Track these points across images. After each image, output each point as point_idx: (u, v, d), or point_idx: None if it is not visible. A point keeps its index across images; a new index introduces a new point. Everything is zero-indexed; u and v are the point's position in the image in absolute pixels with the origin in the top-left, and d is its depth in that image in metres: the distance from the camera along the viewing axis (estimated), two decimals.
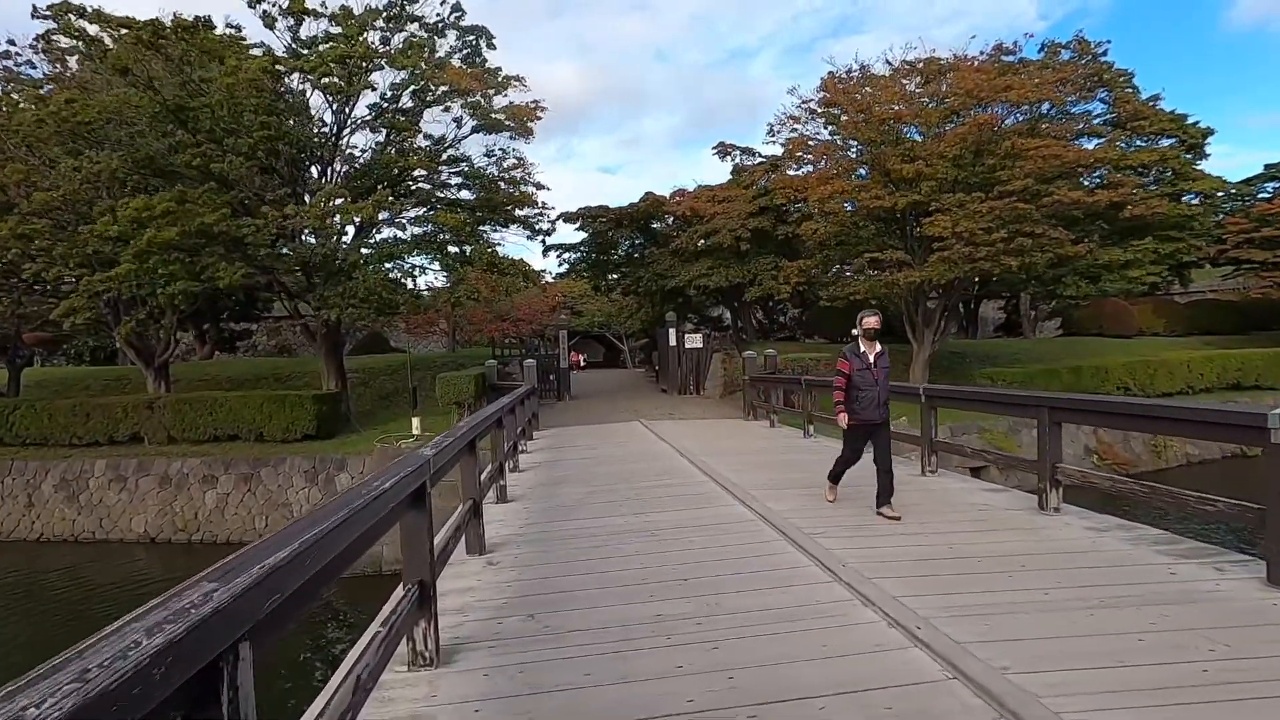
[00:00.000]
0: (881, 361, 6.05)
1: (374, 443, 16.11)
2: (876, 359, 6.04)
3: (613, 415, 17.51)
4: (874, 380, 5.99)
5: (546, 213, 18.72)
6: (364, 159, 16.51)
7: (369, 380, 22.51)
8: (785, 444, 10.96)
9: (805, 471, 8.28)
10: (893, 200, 16.77)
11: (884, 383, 6.04)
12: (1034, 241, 14.35)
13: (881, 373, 6.02)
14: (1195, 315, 33.16)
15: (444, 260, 15.59)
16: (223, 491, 15.84)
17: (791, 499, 6.62)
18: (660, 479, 8.11)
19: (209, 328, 31.30)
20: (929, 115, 16.46)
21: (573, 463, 9.88)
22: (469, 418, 5.20)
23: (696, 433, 12.91)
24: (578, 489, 7.74)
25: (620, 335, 44.62)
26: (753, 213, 21.47)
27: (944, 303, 19.70)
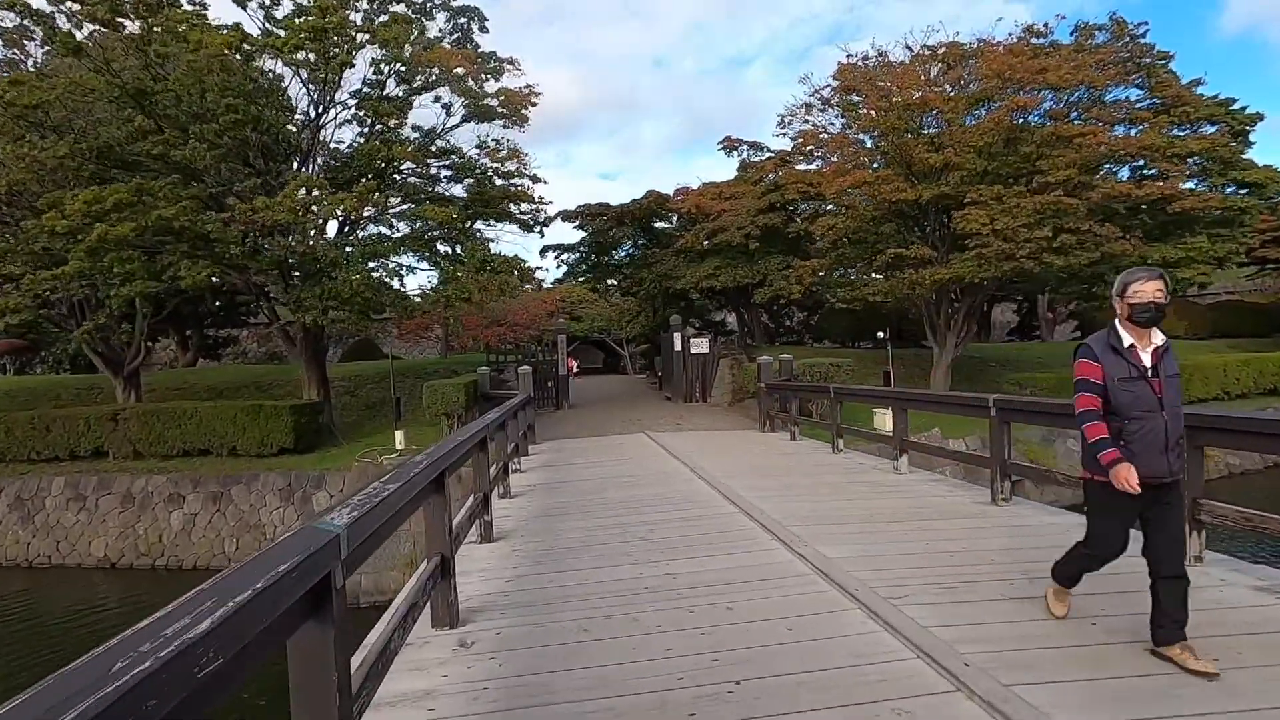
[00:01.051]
0: (1167, 365, 3.24)
1: (355, 458, 14.82)
2: (1157, 360, 3.21)
3: (615, 426, 16.21)
4: (1154, 398, 3.15)
5: (543, 207, 17.47)
6: (347, 151, 15.24)
7: (355, 389, 21.21)
8: (814, 461, 9.67)
9: (850, 498, 6.98)
10: (916, 193, 15.53)
11: (1174, 403, 3.20)
12: (1077, 239, 13.12)
13: (1169, 386, 3.21)
14: (1218, 317, 32.05)
15: (433, 259, 14.29)
16: (190, 512, 14.51)
17: (849, 540, 5.32)
18: (677, 509, 6.80)
19: (192, 334, 30.04)
20: (956, 102, 15.24)
21: (572, 486, 8.58)
22: (440, 443, 3.86)
23: (710, 446, 11.61)
24: (578, 523, 6.43)
25: (620, 341, 43.35)
26: (762, 209, 20.22)
27: (969, 303, 18.46)
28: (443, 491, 3.92)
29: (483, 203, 16.62)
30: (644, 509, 6.87)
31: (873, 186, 15.49)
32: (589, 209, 21.59)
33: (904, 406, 8.36)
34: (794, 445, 11.61)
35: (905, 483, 7.78)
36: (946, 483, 7.93)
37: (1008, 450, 6.51)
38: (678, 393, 21.48)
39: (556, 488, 8.49)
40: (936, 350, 19.47)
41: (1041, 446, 16.45)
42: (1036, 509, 6.36)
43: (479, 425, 5.48)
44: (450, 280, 14.10)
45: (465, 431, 5.11)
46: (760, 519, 6.11)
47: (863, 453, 10.60)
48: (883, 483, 7.85)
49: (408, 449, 14.04)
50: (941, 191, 14.94)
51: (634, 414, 18.57)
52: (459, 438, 4.57)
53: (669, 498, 7.37)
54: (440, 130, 16.69)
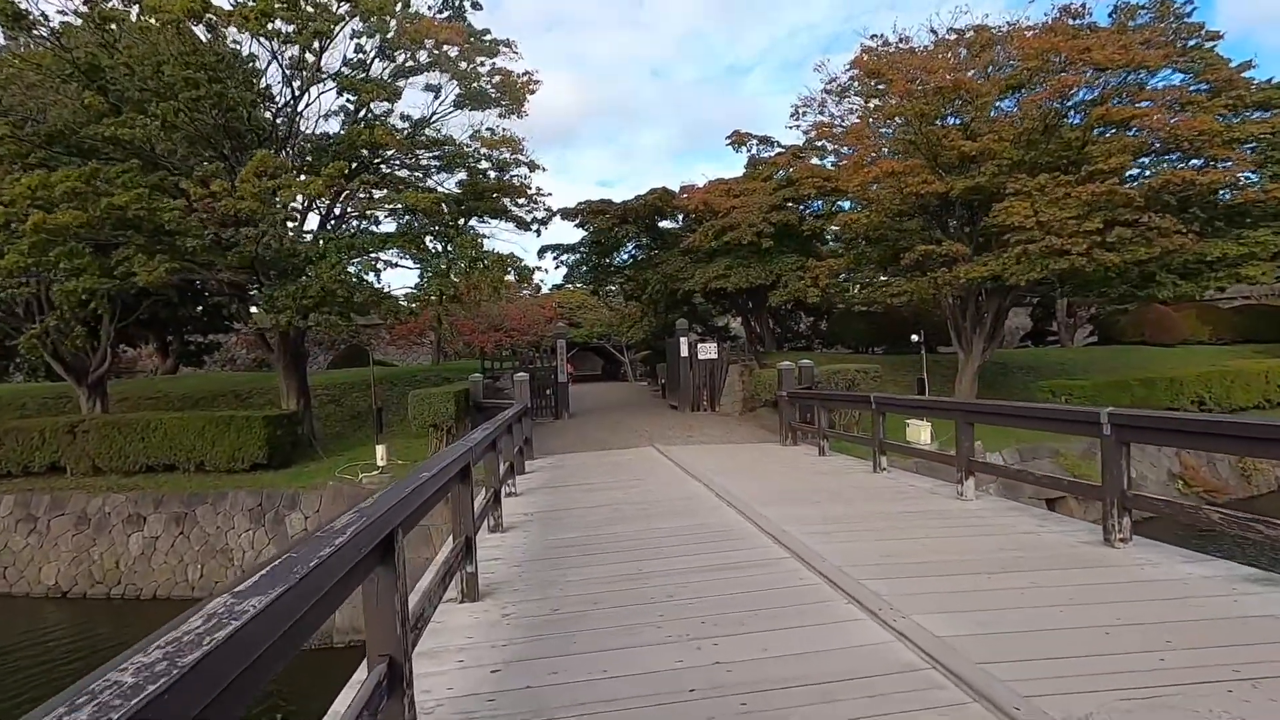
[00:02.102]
0: None
1: (334, 475, 13.45)
2: None
3: (620, 438, 14.87)
4: None
5: (542, 198, 16.13)
6: (329, 138, 13.93)
7: (340, 397, 19.83)
8: (855, 483, 8.33)
9: (921, 536, 5.63)
10: (946, 185, 14.26)
11: None
12: (1134, 232, 11.85)
13: None
14: (1241, 322, 30.88)
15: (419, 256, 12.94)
16: (150, 534, 13.11)
17: (951, 603, 3.97)
18: (709, 550, 5.46)
19: (172, 340, 28.67)
20: (993, 85, 13.99)
21: (576, 516, 7.22)
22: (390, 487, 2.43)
23: (730, 463, 10.28)
24: (586, 571, 5.09)
25: (621, 347, 42.08)
26: (775, 205, 18.94)
27: (997, 305, 17.18)
28: (392, 560, 2.58)
29: (475, 196, 15.31)
30: (667, 550, 5.52)
31: (900, 178, 14.22)
32: (590, 206, 20.31)
33: (970, 420, 7.03)
34: (826, 462, 10.28)
35: (978, 514, 6.44)
36: (1027, 512, 6.60)
37: (1127, 478, 5.18)
38: (684, 401, 20.17)
39: (557, 518, 7.14)
40: (962, 356, 18.20)
41: (1084, 460, 15.15)
42: (1165, 552, 5.02)
43: (456, 452, 4.14)
44: (436, 277, 12.75)
45: (438, 461, 3.78)
46: (820, 567, 4.77)
47: (905, 471, 9.29)
48: (950, 513, 6.51)
49: (391, 464, 12.69)
50: (975, 183, 13.67)
51: (639, 424, 17.24)
52: (424, 474, 3.24)
53: (697, 533, 6.02)
54: (430, 118, 15.41)
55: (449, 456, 3.93)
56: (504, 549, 5.91)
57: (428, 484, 3.15)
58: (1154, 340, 29.49)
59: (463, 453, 4.21)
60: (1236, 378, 19.30)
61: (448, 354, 33.58)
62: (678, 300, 25.55)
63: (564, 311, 40.82)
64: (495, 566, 5.30)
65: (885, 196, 14.63)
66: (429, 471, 3.29)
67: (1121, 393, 17.34)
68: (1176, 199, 13.22)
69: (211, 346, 31.11)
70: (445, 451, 4.16)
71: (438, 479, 3.47)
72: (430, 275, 12.78)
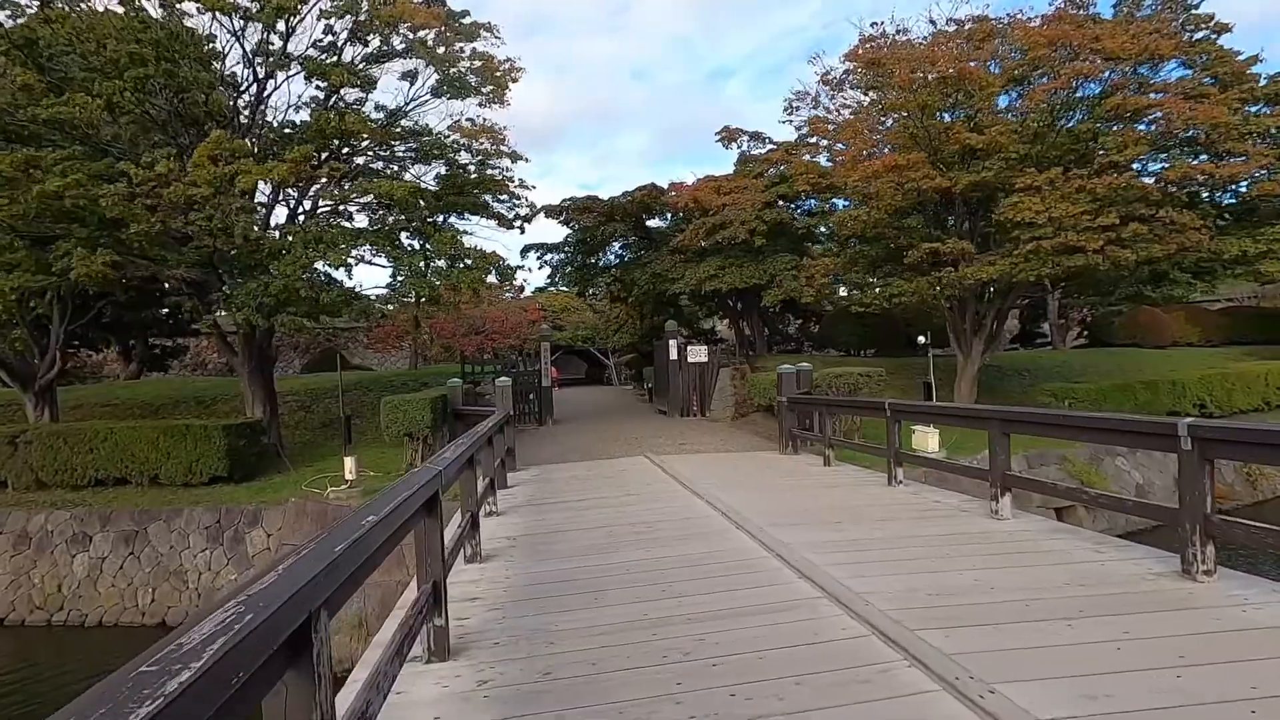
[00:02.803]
0: None
1: (302, 488, 12.46)
2: None
3: (609, 446, 14.03)
4: None
5: (525, 192, 15.23)
6: (297, 126, 12.96)
7: (311, 404, 18.78)
8: (872, 498, 7.56)
9: (969, 566, 4.86)
10: (949, 181, 13.62)
11: None
12: (1149, 228, 11.27)
13: None
14: (1228, 324, 30.81)
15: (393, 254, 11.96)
16: (97, 555, 12.02)
17: (1042, 665, 3.17)
18: (727, 589, 4.62)
19: (136, 343, 27.36)
20: (994, 79, 13.40)
21: (567, 540, 6.37)
22: (300, 553, 1.50)
23: (731, 476, 9.49)
24: (583, 616, 4.24)
25: (605, 350, 41.29)
26: (769, 202, 18.23)
27: (998, 307, 16.60)
28: (306, 659, 1.74)
29: (454, 190, 14.40)
30: (677, 587, 4.70)
31: (902, 173, 13.55)
32: (575, 203, 19.46)
33: (1007, 430, 6.29)
34: (833, 474, 9.52)
35: (1023, 537, 5.69)
36: (1075, 535, 5.86)
37: (1209, 501, 4.45)
38: (674, 406, 19.40)
39: (545, 543, 6.28)
40: (960, 359, 17.60)
41: (1089, 465, 14.59)
42: (1256, 586, 4.29)
43: (417, 483, 3.29)
44: (412, 276, 11.81)
45: (391, 497, 2.92)
46: (864, 612, 3.97)
47: (920, 483, 8.55)
48: (991, 536, 5.76)
49: (361, 478, 11.73)
50: (979, 179, 13.04)
51: (627, 431, 16.42)
52: (368, 520, 2.39)
53: (708, 565, 5.20)
54: (405, 106, 14.48)
55: (405, 490, 3.08)
56: (483, 584, 5.05)
57: (370, 535, 2.30)
58: (1145, 342, 29.28)
59: (426, 481, 3.36)
60: (1237, 380, 18.93)
61: (427, 359, 32.53)
62: (664, 302, 24.77)
63: (547, 315, 39.96)
64: (471, 611, 4.44)
65: (886, 192, 13.96)
66: (375, 515, 2.44)
67: (1125, 396, 16.86)
68: (1186, 195, 12.71)
69: (178, 350, 29.78)
70: (401, 483, 3.31)
71: (389, 522, 2.62)
72: (406, 274, 11.83)
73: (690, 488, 8.52)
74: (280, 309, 11.63)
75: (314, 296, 11.34)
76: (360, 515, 2.45)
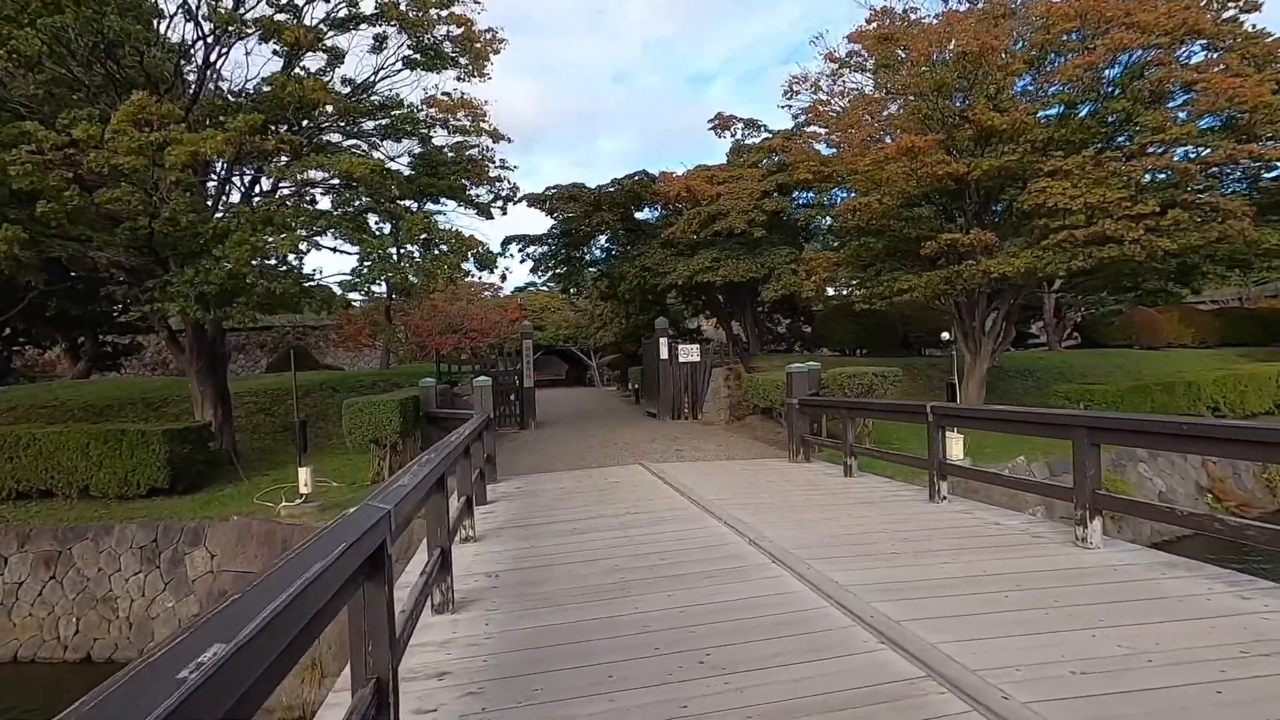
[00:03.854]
0: None
1: (252, 501, 11.05)
2: None
3: (599, 452, 12.79)
4: None
5: (506, 174, 13.88)
6: (244, 94, 11.54)
7: (273, 406, 17.26)
8: (918, 519, 6.41)
9: (1101, 618, 3.70)
10: (966, 166, 12.62)
11: None
12: (1190, 215, 10.32)
13: None
14: (1222, 325, 30.49)
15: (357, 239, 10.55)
16: (12, 579, 10.49)
17: None
18: (795, 665, 3.41)
19: (85, 340, 25.51)
20: (1014, 61, 12.41)
21: (561, 580, 5.10)
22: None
23: (743, 489, 8.30)
24: (593, 714, 3.01)
25: (588, 350, 40.03)
26: (767, 191, 17.10)
27: (1012, 303, 15.69)
28: None
29: (429, 170, 13.05)
30: (717, 655, 3.47)
31: (917, 158, 12.51)
32: (561, 191, 18.16)
33: (1097, 440, 5.17)
34: (860, 486, 8.38)
35: (1128, 572, 4.58)
36: (1181, 566, 4.75)
37: None
38: (663, 409, 18.22)
39: (534, 584, 5.02)
40: (968, 359, 16.66)
41: (1113, 472, 13.68)
42: None
43: (349, 536, 2.04)
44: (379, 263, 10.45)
45: (303, 564, 1.68)
46: (994, 705, 2.79)
47: (959, 497, 7.44)
48: (1092, 571, 4.63)
49: (320, 490, 10.36)
50: (1000, 163, 12.03)
51: (617, 435, 15.19)
52: (263, 612, 1.13)
53: (752, 618, 3.96)
54: (375, 80, 13.10)
55: (322, 555, 1.83)
56: (455, 651, 3.78)
57: (236, 664, 1.04)
58: (1140, 343, 28.81)
59: (358, 538, 2.10)
60: (1250, 382, 18.25)
61: (401, 358, 30.99)
62: (650, 300, 23.59)
63: (527, 314, 38.61)
64: (438, 699, 3.19)
65: (898, 178, 12.91)
66: (271, 602, 1.21)
67: (1143, 398, 16.04)
68: (1212, 177, 11.84)
69: (133, 348, 27.90)
70: (326, 536, 2.05)
71: (299, 611, 1.39)
72: (373, 261, 10.46)
73: (701, 504, 7.31)
74: (228, 300, 10.22)
75: (267, 286, 9.94)
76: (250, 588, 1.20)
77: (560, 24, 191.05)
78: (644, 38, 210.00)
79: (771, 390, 14.68)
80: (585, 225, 18.51)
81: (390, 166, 13.07)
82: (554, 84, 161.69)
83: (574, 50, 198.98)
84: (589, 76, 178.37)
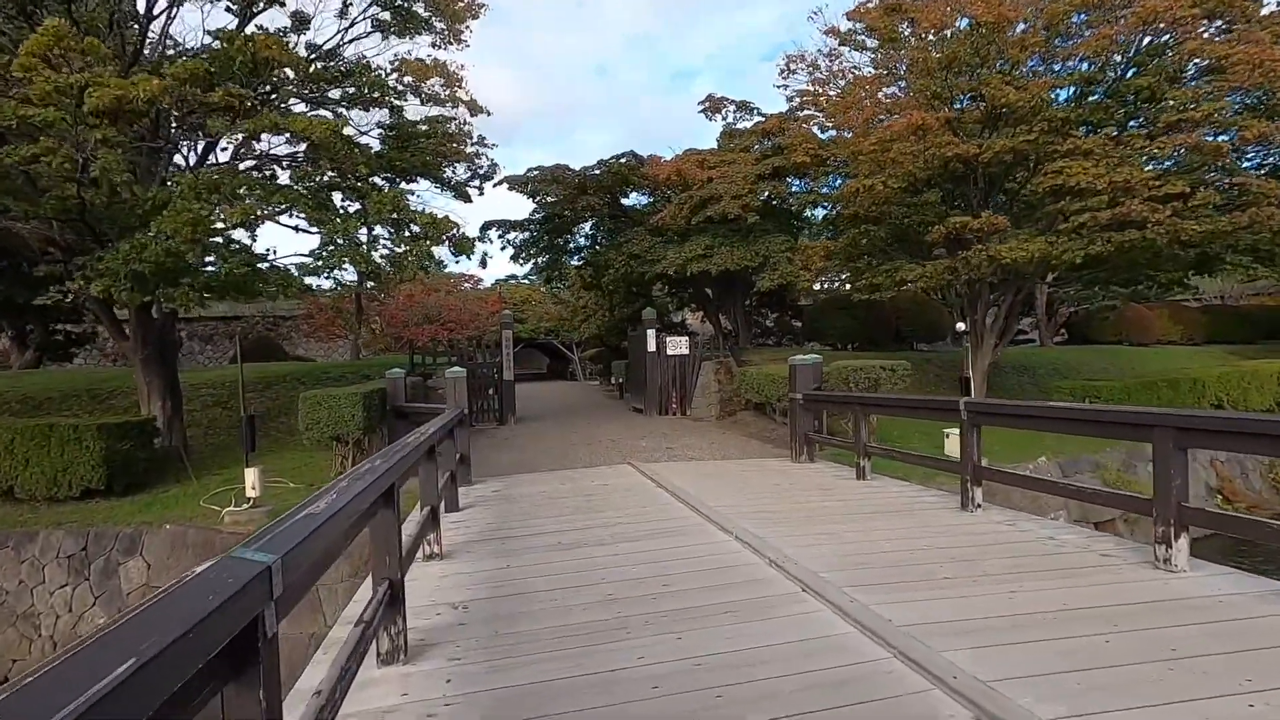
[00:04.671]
0: None
1: (199, 504, 9.94)
2: None
3: (584, 451, 11.84)
4: None
5: (484, 151, 12.78)
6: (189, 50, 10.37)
7: (230, 399, 16.05)
8: (959, 530, 5.55)
9: (1246, 675, 2.85)
10: (978, 147, 11.83)
11: None
12: (1222, 197, 9.60)
13: None
14: (1209, 322, 30.35)
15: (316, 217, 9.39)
16: None
17: None
18: None
19: (34, 328, 23.99)
20: (1034, 30, 11.61)
21: (546, 625, 4.13)
22: None
23: (751, 496, 7.40)
24: None
25: (570, 344, 39.00)
26: (763, 175, 16.20)
27: (1017, 294, 14.99)
28: None
29: (400, 144, 11.94)
30: None
31: (927, 137, 11.69)
32: (544, 173, 17.10)
33: (1183, 443, 4.32)
34: (878, 492, 7.51)
35: (1236, 603, 3.74)
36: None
37: None
38: (650, 404, 17.33)
39: (512, 622, 4.04)
40: (970, 353, 15.92)
41: (1123, 471, 13.05)
42: None
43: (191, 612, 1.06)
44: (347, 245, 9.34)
45: None
46: None
47: (997, 505, 6.62)
48: (1191, 605, 3.78)
49: (271, 493, 9.28)
50: (1014, 144, 11.23)
51: (602, 432, 14.25)
52: None
53: (796, 680, 3.07)
54: (341, 44, 11.97)
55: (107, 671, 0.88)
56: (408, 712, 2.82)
57: None
58: (1130, 339, 28.52)
59: (193, 626, 1.13)
60: (1253, 379, 17.79)
61: (375, 349, 29.74)
62: (635, 292, 22.65)
63: (508, 306, 37.48)
64: None
65: (905, 159, 12.08)
66: None
67: (1150, 394, 15.46)
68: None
69: (87, 337, 26.35)
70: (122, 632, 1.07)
71: None
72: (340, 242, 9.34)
73: (704, 513, 6.39)
74: (170, 280, 9.07)
75: (218, 267, 8.80)
76: None
77: (540, 17, 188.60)
78: (626, 33, 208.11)
79: (767, 385, 13.84)
80: (569, 210, 17.47)
81: (348, 127, 11.88)
82: (535, 77, 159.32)
83: (555, 44, 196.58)
84: (570, 70, 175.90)
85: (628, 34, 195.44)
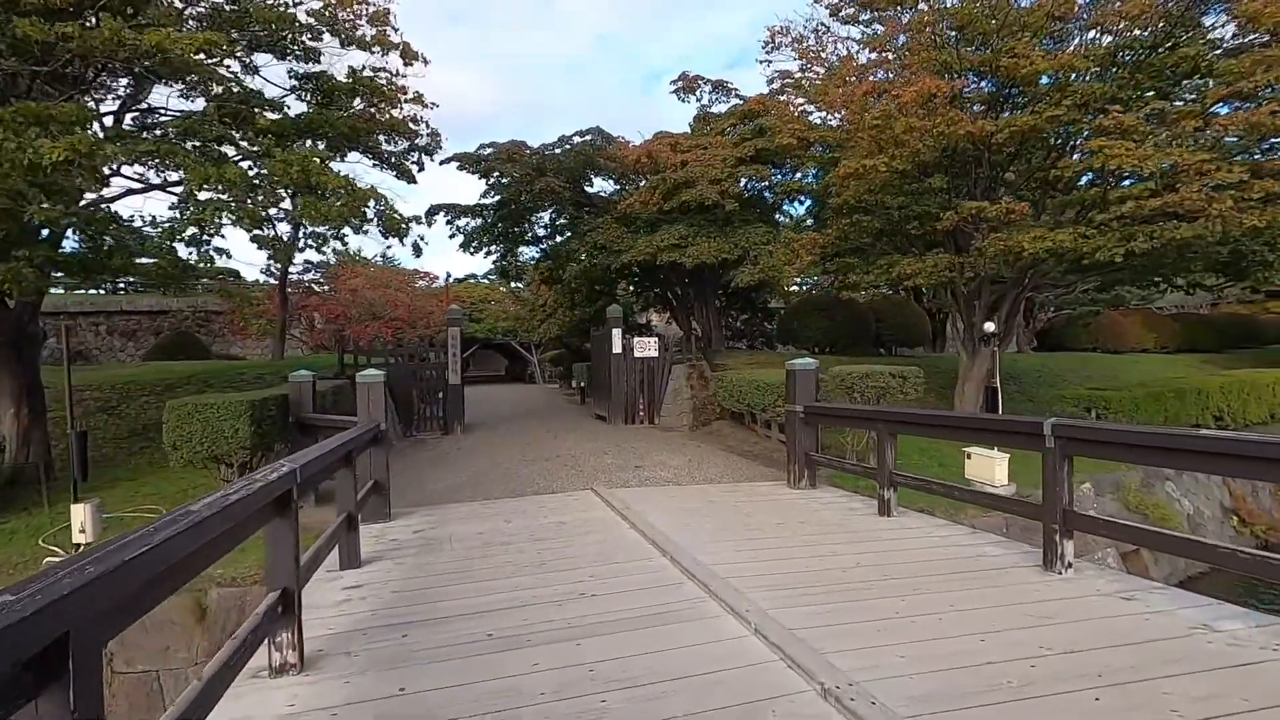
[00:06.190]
0: None
1: (39, 541, 7.71)
2: None
3: (540, 471, 9.90)
4: None
5: (424, 111, 10.65)
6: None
7: (120, 404, 13.63)
8: (1072, 603, 3.85)
9: None
10: (991, 126, 10.38)
11: None
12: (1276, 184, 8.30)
13: None
14: (1182, 330, 30.03)
15: (180, 160, 7.12)
16: None
17: None
18: None
19: None
20: None
21: None
22: None
23: (752, 540, 5.62)
24: None
25: (528, 345, 36.91)
26: (743, 159, 14.52)
27: (1018, 294, 13.66)
28: None
29: (322, 98, 9.83)
30: None
31: (937, 113, 10.17)
32: (499, 150, 15.08)
33: None
34: (914, 534, 5.80)
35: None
36: None
37: None
38: (616, 411, 15.50)
39: None
40: (965, 359, 14.57)
41: (1143, 492, 11.76)
42: None
43: None
44: (221, 201, 7.18)
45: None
46: None
47: (1092, 564, 5.00)
48: None
49: (94, 543, 7.17)
50: (1045, 118, 9.76)
51: (562, 444, 12.34)
52: None
53: None
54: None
55: None
56: None
57: None
58: (1105, 346, 27.94)
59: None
60: (1251, 389, 16.92)
61: (315, 348, 27.22)
62: (599, 290, 20.82)
63: (464, 305, 35.15)
64: None
65: (911, 136, 10.55)
66: None
67: (1158, 406, 14.34)
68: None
69: None
70: None
71: None
72: (217, 195, 7.17)
73: (702, 581, 4.56)
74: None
75: (53, 228, 6.61)
76: None
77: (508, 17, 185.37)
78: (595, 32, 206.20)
79: (749, 392, 12.17)
80: (526, 193, 15.49)
81: (250, 83, 9.72)
82: (503, 75, 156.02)
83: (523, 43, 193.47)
84: (539, 69, 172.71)
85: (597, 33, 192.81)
